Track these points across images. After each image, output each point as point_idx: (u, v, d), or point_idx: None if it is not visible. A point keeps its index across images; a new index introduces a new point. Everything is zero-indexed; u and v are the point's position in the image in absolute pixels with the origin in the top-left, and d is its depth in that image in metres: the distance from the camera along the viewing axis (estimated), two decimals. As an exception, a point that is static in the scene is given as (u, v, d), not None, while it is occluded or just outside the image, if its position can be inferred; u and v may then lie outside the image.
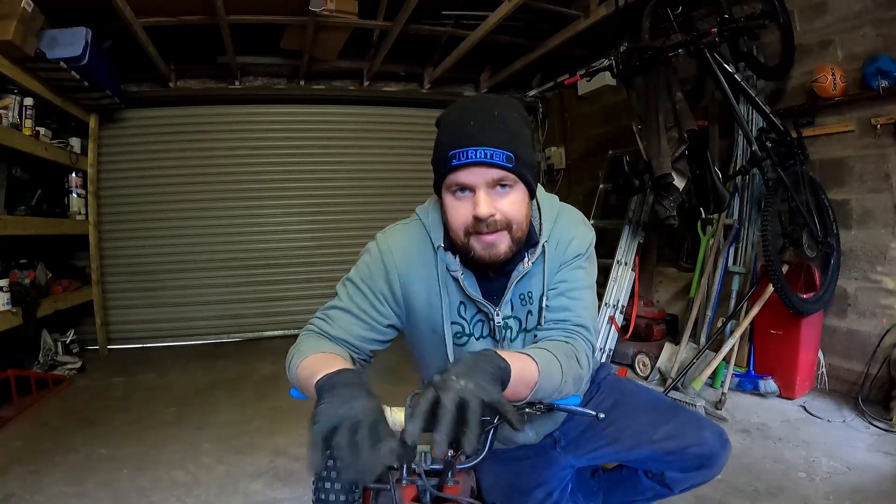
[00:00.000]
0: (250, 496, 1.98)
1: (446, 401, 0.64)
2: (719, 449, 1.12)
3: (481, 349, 0.81)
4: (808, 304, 2.53)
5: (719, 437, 1.13)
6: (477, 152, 0.90)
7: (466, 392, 0.65)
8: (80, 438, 2.47)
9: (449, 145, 0.93)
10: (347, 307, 1.06)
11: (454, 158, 0.91)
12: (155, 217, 4.40)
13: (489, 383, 0.70)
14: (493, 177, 0.92)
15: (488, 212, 0.92)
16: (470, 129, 0.92)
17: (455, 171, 0.93)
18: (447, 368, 0.71)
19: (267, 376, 3.42)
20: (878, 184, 2.59)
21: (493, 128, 0.92)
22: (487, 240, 0.95)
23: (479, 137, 0.91)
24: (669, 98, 2.67)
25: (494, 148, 0.91)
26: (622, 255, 3.49)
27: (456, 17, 3.77)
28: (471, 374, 0.69)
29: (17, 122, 2.99)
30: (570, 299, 1.05)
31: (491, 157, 0.90)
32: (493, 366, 0.75)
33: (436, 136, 1.00)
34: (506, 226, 0.95)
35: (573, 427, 1.23)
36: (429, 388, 0.67)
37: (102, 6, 2.88)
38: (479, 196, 0.92)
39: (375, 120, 4.89)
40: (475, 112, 0.95)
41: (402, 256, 1.07)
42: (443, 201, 1.00)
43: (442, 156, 0.94)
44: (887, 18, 2.48)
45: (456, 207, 0.96)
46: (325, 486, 0.95)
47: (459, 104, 1.00)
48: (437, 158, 0.97)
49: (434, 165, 0.99)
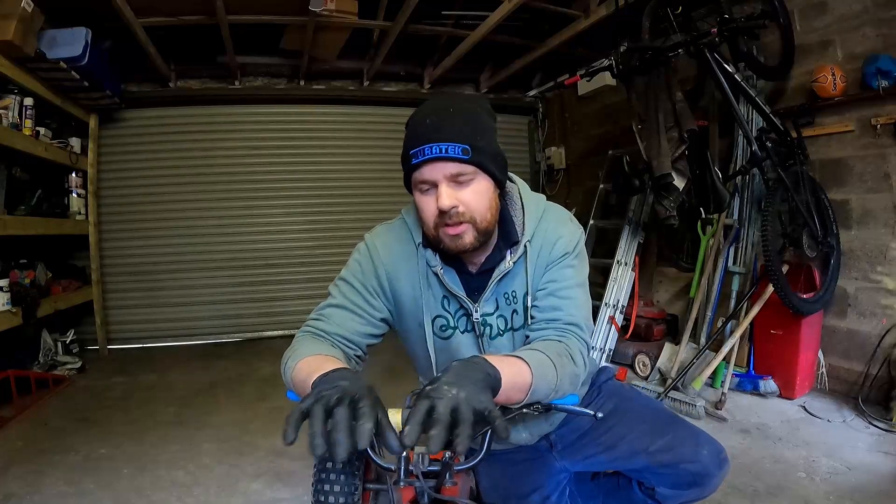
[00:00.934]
0: (250, 496, 1.98)
1: (441, 407, 0.66)
2: (714, 469, 1.10)
3: (471, 356, 0.82)
4: (808, 304, 2.53)
5: (716, 456, 1.11)
6: (432, 148, 0.93)
7: (459, 400, 0.67)
8: (80, 438, 2.47)
9: (409, 145, 0.97)
10: (342, 303, 1.09)
11: (414, 157, 0.95)
12: (155, 217, 4.40)
13: (479, 392, 0.71)
14: (450, 171, 0.95)
15: (450, 203, 0.95)
16: (425, 127, 0.95)
17: (416, 168, 0.96)
18: (438, 378, 0.72)
19: (267, 376, 3.42)
20: (878, 184, 2.59)
21: (448, 123, 0.95)
22: (452, 232, 0.97)
23: (433, 135, 0.94)
24: (669, 98, 2.66)
25: (448, 142, 0.93)
26: (622, 255, 3.50)
27: (456, 17, 3.77)
28: (461, 384, 0.70)
29: (17, 122, 2.99)
30: (560, 298, 1.06)
31: (445, 152, 0.93)
32: (482, 374, 0.76)
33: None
34: (469, 218, 0.97)
35: (570, 431, 1.22)
36: (424, 397, 0.68)
37: (102, 6, 2.88)
38: (441, 189, 0.95)
39: (375, 120, 4.88)
40: (432, 110, 0.98)
41: (387, 254, 1.11)
42: (413, 199, 1.03)
43: (405, 155, 0.98)
44: (887, 18, 2.48)
45: (423, 202, 0.99)
46: (325, 488, 0.95)
47: (422, 106, 1.03)
48: (402, 156, 1.00)
49: (402, 164, 1.02)
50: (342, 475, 0.97)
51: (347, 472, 0.98)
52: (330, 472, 0.97)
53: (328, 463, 0.99)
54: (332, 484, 0.96)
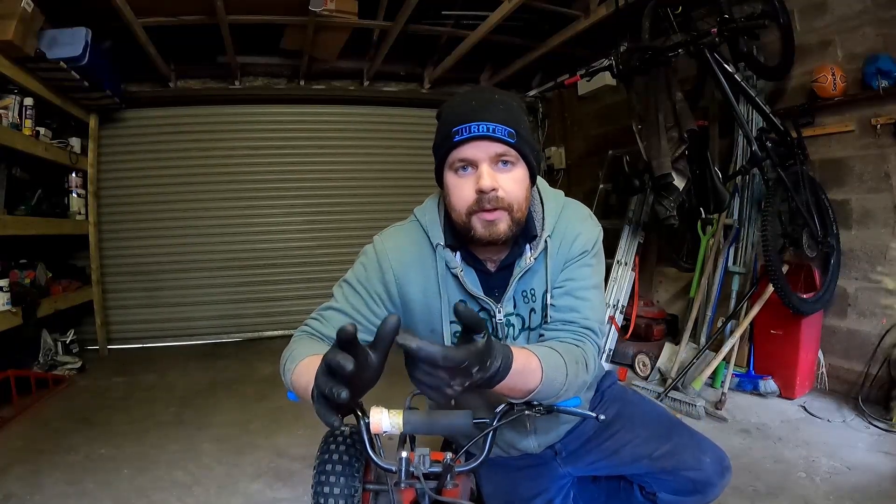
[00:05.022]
0: (250, 496, 1.98)
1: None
2: (715, 477, 1.10)
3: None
4: (808, 304, 2.53)
5: (718, 464, 1.10)
6: (479, 126, 0.92)
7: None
8: (80, 438, 2.47)
9: (451, 124, 0.94)
10: (342, 307, 1.06)
11: (457, 134, 0.93)
12: (155, 217, 4.39)
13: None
14: (495, 151, 0.93)
15: (491, 184, 0.92)
16: (472, 106, 0.94)
17: (458, 146, 0.94)
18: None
19: (267, 376, 3.42)
20: (878, 184, 2.59)
21: (495, 107, 0.94)
22: (488, 217, 0.95)
23: (482, 113, 0.92)
24: (669, 98, 2.66)
25: (496, 123, 0.92)
26: (622, 255, 3.50)
27: (456, 17, 3.77)
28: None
29: (17, 122, 2.99)
30: (577, 299, 1.04)
31: (493, 132, 0.92)
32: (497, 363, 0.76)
33: (436, 128, 1.01)
34: (507, 205, 0.95)
35: (574, 438, 1.21)
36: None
37: (102, 6, 2.88)
38: (482, 169, 0.93)
39: (375, 120, 4.89)
40: (474, 95, 0.98)
41: (397, 258, 1.07)
42: (445, 185, 1.00)
43: (445, 134, 0.95)
44: (887, 18, 2.48)
45: (459, 186, 0.96)
46: (325, 490, 0.95)
47: (459, 94, 1.03)
48: (439, 140, 0.98)
49: (435, 150, 0.99)
50: (342, 476, 0.97)
51: (347, 473, 0.98)
52: (330, 474, 0.97)
53: (328, 465, 0.98)
54: (332, 486, 0.96)
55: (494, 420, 0.88)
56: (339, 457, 1.00)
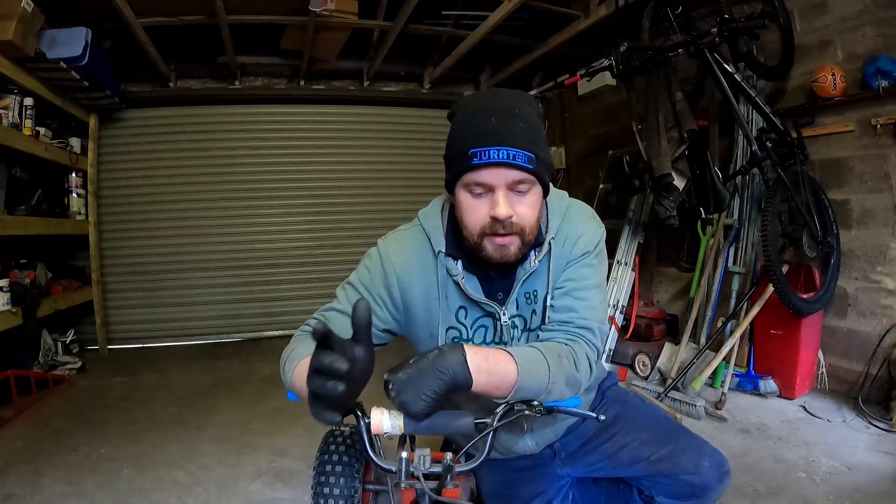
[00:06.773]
0: (250, 496, 1.99)
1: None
2: (714, 482, 1.09)
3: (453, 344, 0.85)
4: (808, 304, 2.53)
5: (717, 469, 1.09)
6: (500, 152, 0.88)
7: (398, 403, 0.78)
8: (80, 438, 2.47)
9: (469, 142, 0.90)
10: (344, 309, 1.05)
11: (475, 157, 0.89)
12: (155, 217, 4.40)
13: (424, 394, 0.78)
14: (513, 178, 0.91)
15: (507, 213, 0.91)
16: (492, 126, 0.90)
17: (475, 169, 0.90)
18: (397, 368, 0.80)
19: (267, 376, 3.42)
20: (878, 184, 2.59)
21: (516, 126, 0.90)
22: (501, 242, 0.94)
23: (503, 136, 0.89)
24: (669, 98, 2.66)
25: (517, 149, 0.89)
26: (622, 255, 3.50)
27: (456, 17, 3.77)
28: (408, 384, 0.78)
29: (17, 122, 2.99)
30: (576, 299, 1.03)
31: (513, 158, 0.88)
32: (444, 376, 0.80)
33: (450, 129, 0.98)
34: (520, 229, 0.94)
35: (574, 439, 1.21)
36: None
37: (102, 6, 2.88)
38: (499, 196, 0.91)
39: (375, 120, 4.89)
40: (495, 108, 0.92)
41: (401, 261, 1.06)
42: (457, 199, 0.97)
43: (461, 151, 0.91)
44: (887, 18, 2.48)
45: (473, 207, 0.94)
46: (325, 490, 0.95)
47: (477, 98, 0.98)
48: (454, 154, 0.93)
49: (449, 162, 0.95)
50: (342, 477, 0.97)
51: (347, 473, 0.98)
52: (330, 474, 0.97)
53: (328, 465, 0.99)
54: (332, 486, 0.96)
55: (494, 420, 0.88)
56: (339, 457, 1.00)
